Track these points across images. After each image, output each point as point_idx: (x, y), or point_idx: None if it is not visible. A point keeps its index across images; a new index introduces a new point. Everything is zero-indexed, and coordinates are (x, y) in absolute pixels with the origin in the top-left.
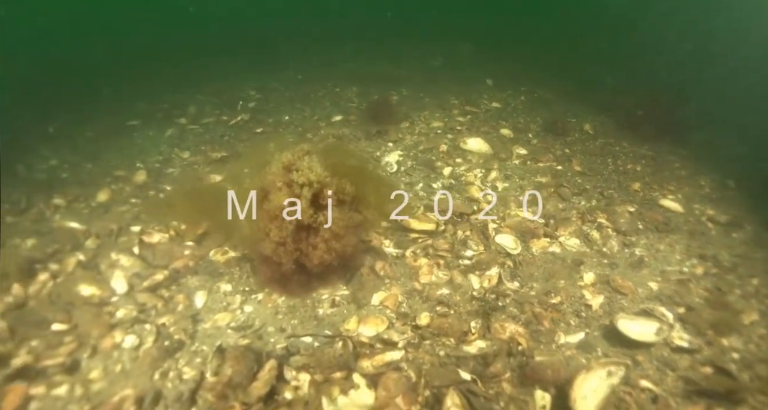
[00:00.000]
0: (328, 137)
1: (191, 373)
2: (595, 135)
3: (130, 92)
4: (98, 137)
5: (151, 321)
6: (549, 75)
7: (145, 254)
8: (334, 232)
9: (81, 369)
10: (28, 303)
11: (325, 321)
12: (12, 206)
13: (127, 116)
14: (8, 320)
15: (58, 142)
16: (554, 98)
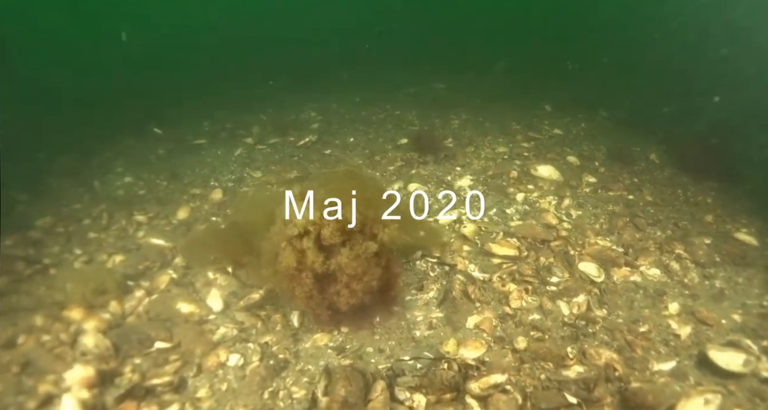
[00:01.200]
0: (396, 159)
1: (301, 393)
2: (662, 165)
3: (192, 113)
4: (169, 155)
5: (253, 340)
6: (605, 101)
7: (238, 273)
8: (350, 275)
9: (188, 388)
10: (126, 320)
11: (423, 343)
12: (93, 222)
13: (193, 136)
14: (111, 337)
15: (131, 159)
16: (613, 126)
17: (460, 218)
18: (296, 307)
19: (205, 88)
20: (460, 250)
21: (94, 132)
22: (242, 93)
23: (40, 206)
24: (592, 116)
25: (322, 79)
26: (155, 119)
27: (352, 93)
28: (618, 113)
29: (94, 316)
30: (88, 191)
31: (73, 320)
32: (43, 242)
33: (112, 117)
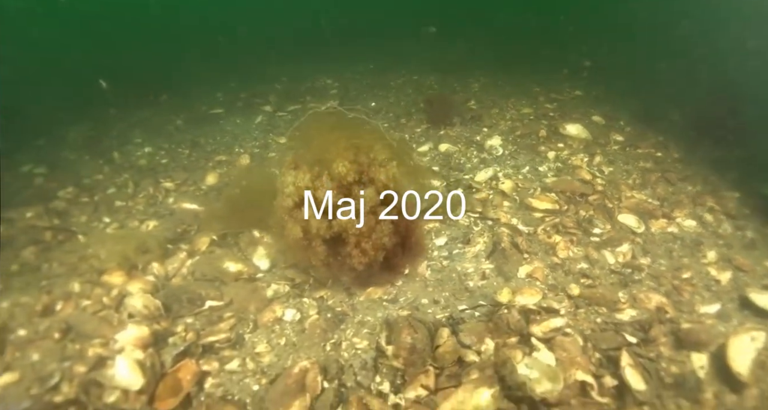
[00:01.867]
0: (422, 122)
1: (363, 343)
2: (685, 125)
3: (204, 84)
4: (187, 125)
5: (307, 295)
6: (627, 68)
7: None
8: (356, 234)
9: (246, 344)
10: (171, 282)
11: (477, 293)
12: (119, 191)
13: (209, 106)
14: (159, 298)
15: (149, 130)
16: (634, 89)
17: (496, 176)
18: (318, 273)
19: (214, 60)
20: (500, 205)
21: (107, 104)
22: (253, 64)
23: (59, 178)
24: (611, 79)
25: (333, 50)
26: (167, 91)
27: (366, 62)
28: (637, 76)
29: (137, 279)
30: (107, 162)
31: (114, 284)
32: (69, 212)
33: (124, 89)
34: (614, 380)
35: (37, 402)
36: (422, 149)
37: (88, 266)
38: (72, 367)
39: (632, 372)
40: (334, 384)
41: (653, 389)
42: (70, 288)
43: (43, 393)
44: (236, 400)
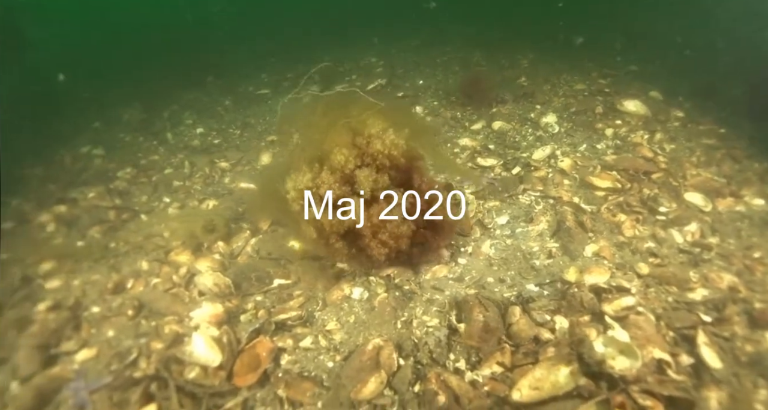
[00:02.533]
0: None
1: (434, 321)
2: (748, 100)
3: (247, 66)
4: (236, 106)
5: (374, 273)
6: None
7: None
8: (368, 227)
9: (316, 322)
10: (237, 260)
11: (543, 272)
12: (176, 171)
13: (255, 87)
14: (230, 276)
15: (199, 111)
16: (691, 64)
17: (554, 153)
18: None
19: (256, 42)
20: (561, 184)
21: (157, 87)
22: (294, 45)
23: (117, 159)
24: (665, 52)
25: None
26: (212, 73)
27: (408, 38)
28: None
29: (204, 257)
30: (161, 143)
31: (182, 262)
32: (130, 192)
33: (171, 72)
34: (690, 358)
35: (117, 377)
36: (475, 127)
37: (154, 245)
38: (149, 343)
39: (708, 351)
40: (409, 361)
41: (729, 367)
42: (139, 267)
43: (122, 369)
44: (312, 376)
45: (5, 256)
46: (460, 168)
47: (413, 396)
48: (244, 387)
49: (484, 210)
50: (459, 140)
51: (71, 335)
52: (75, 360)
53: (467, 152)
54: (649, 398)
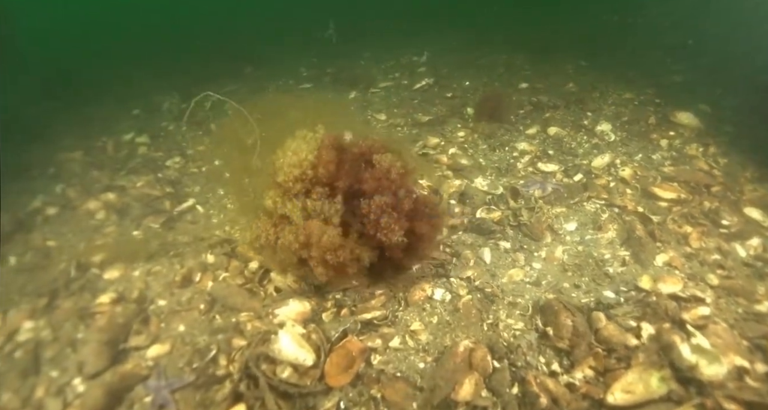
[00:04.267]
0: (524, 104)
1: (519, 324)
2: None
3: (285, 59)
4: (278, 98)
5: (454, 275)
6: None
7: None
8: (322, 248)
9: (399, 322)
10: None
11: (617, 279)
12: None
13: (296, 81)
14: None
15: (241, 103)
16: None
17: (613, 162)
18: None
19: (292, 37)
20: (624, 193)
21: (194, 77)
22: (329, 41)
23: (163, 147)
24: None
25: (413, 27)
26: (252, 64)
27: (449, 39)
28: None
29: None
30: (206, 133)
31: (251, 257)
32: (181, 182)
33: (207, 62)
34: (765, 366)
35: (201, 375)
36: (530, 131)
37: (218, 238)
38: (229, 340)
39: None
40: (504, 363)
41: None
42: (204, 259)
43: (203, 367)
44: (405, 377)
45: (52, 243)
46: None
47: (513, 397)
48: (337, 388)
49: (552, 216)
50: (516, 144)
51: (140, 329)
52: (146, 356)
53: (527, 156)
54: (733, 403)
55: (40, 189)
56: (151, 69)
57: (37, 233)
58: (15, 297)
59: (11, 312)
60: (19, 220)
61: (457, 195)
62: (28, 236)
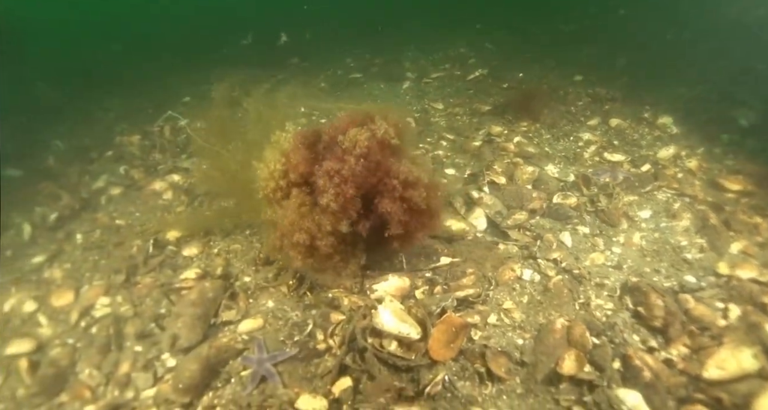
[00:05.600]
0: (582, 95)
1: (609, 304)
2: None
3: (331, 50)
4: (332, 88)
5: (541, 256)
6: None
7: (496, 194)
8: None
9: (491, 300)
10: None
11: (695, 265)
12: None
13: (345, 71)
14: (403, 251)
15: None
16: None
17: (678, 154)
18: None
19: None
20: (693, 183)
21: (238, 66)
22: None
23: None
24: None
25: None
26: (297, 55)
27: (491, 33)
28: None
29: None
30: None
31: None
32: None
33: (249, 52)
34: None
35: (302, 348)
36: (591, 122)
37: None
38: (326, 315)
39: None
40: (602, 339)
41: None
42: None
43: (304, 341)
44: (506, 352)
45: (121, 222)
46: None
47: (615, 372)
48: (441, 362)
49: (626, 204)
50: (581, 134)
51: (230, 304)
52: (239, 330)
53: (593, 146)
54: None
55: (102, 170)
56: (197, 59)
57: (102, 212)
58: (86, 274)
59: (84, 287)
60: (83, 199)
61: (531, 181)
62: (94, 215)
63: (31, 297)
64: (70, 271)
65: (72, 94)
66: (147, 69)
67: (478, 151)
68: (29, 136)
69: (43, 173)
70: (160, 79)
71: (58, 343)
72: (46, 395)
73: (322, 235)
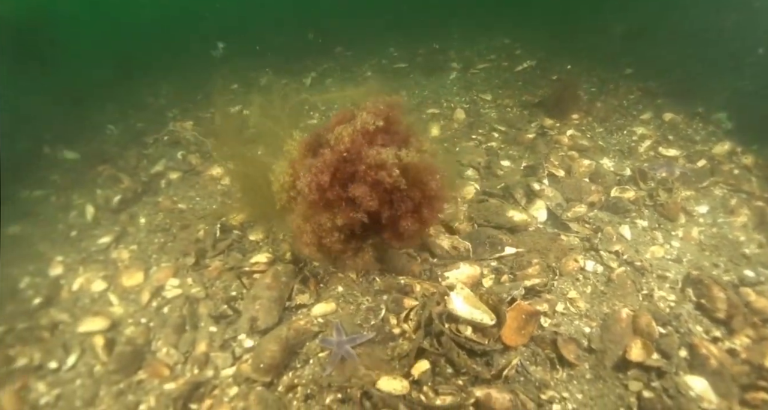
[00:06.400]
0: (633, 90)
1: (671, 296)
2: None
3: (372, 39)
4: (377, 76)
5: (603, 248)
6: None
7: (555, 186)
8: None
9: (555, 289)
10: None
11: (754, 260)
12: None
13: (389, 61)
14: (469, 240)
15: (341, 79)
16: None
17: (734, 150)
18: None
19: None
20: (750, 180)
21: (288, 56)
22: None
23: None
24: None
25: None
26: (341, 45)
27: (535, 24)
28: None
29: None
30: (313, 108)
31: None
32: None
33: (293, 41)
34: None
35: (378, 332)
36: (644, 116)
37: None
38: (399, 300)
39: None
40: (668, 329)
41: None
42: None
43: (379, 325)
44: (575, 339)
45: (183, 206)
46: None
47: (681, 360)
48: (514, 347)
49: (684, 199)
50: (634, 128)
51: (302, 288)
52: (313, 313)
53: (647, 141)
54: None
55: (160, 155)
56: (243, 47)
57: (163, 195)
58: (153, 256)
59: (153, 269)
60: (143, 183)
61: (588, 174)
62: (155, 198)
63: (99, 277)
64: (136, 252)
65: (119, 81)
66: (195, 56)
67: (531, 143)
68: (81, 121)
69: (99, 156)
70: (207, 67)
71: (132, 322)
72: (124, 372)
73: (325, 233)
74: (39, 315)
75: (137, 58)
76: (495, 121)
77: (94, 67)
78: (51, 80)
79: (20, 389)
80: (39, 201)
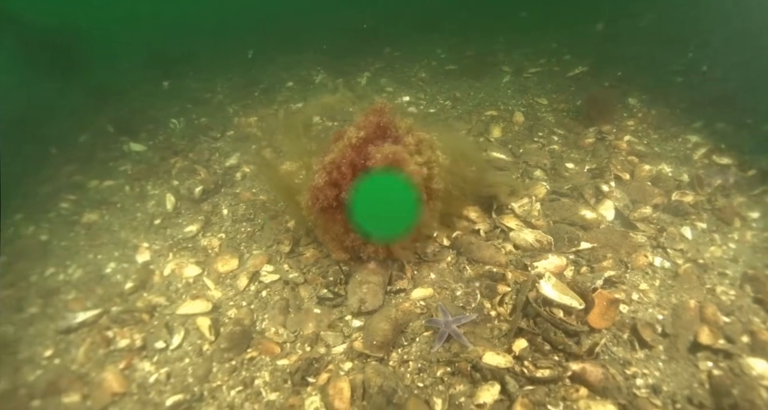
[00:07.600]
0: (684, 100)
1: (732, 291)
2: None
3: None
4: (432, 79)
5: (668, 246)
6: None
7: (622, 188)
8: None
9: (627, 281)
10: (533, 222)
11: None
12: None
13: (439, 62)
14: (550, 235)
15: (395, 80)
16: None
17: None
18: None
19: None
20: None
21: (338, 55)
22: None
23: (338, 117)
24: None
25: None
26: (390, 45)
27: (579, 29)
28: None
29: (505, 215)
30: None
31: (474, 219)
32: None
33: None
34: None
35: (479, 313)
36: (696, 125)
37: None
38: (492, 286)
39: None
40: (732, 318)
41: None
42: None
43: (477, 308)
44: (650, 324)
45: (263, 197)
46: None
47: (745, 344)
48: (598, 330)
49: (738, 204)
50: (688, 136)
51: (399, 275)
52: (413, 297)
53: (702, 148)
54: None
55: (231, 149)
56: (294, 46)
57: (241, 187)
58: (242, 244)
59: (245, 256)
60: (218, 175)
61: (650, 178)
62: (234, 190)
63: (192, 263)
64: (225, 240)
65: (174, 78)
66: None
67: (592, 147)
68: (142, 114)
69: (168, 148)
70: (263, 64)
71: (233, 304)
72: (235, 350)
73: (343, 238)
74: (134, 299)
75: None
76: (553, 124)
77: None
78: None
79: (125, 368)
80: (113, 191)
